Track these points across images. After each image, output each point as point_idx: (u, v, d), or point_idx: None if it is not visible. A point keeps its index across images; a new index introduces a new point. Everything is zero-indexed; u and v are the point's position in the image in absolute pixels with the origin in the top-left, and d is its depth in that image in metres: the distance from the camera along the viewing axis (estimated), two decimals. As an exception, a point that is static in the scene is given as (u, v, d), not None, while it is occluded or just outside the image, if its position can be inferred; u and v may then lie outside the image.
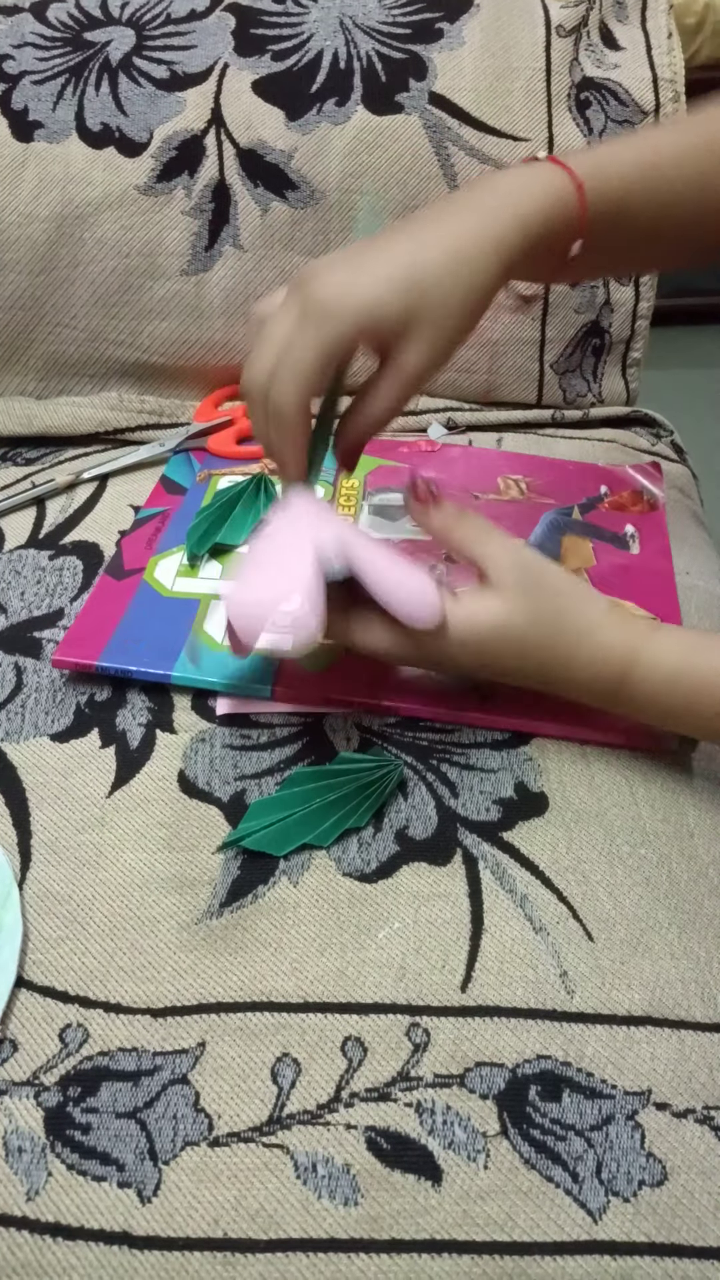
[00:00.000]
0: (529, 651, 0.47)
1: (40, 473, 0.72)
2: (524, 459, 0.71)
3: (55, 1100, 0.39)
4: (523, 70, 0.74)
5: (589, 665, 0.47)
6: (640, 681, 0.46)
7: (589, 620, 0.47)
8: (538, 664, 0.47)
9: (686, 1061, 0.40)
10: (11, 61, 0.75)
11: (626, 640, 0.46)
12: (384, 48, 0.74)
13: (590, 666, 0.47)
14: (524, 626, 0.46)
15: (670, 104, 0.75)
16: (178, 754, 0.51)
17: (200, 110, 0.73)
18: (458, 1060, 0.39)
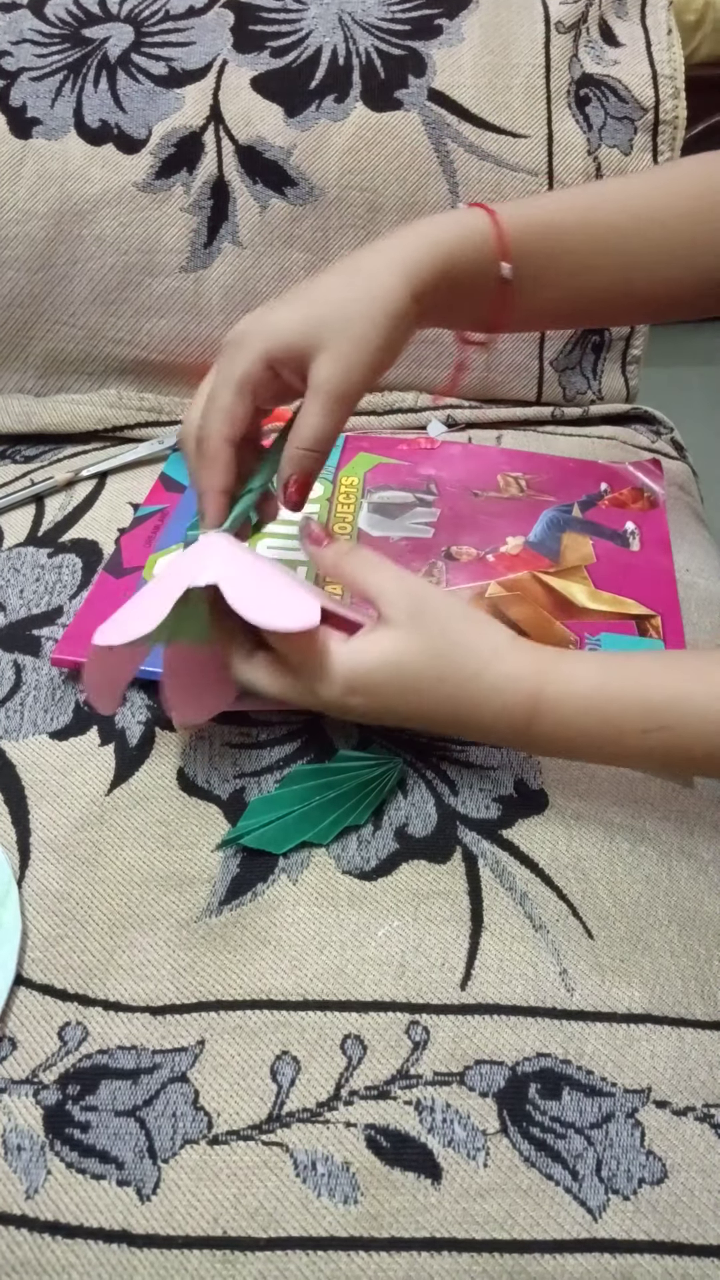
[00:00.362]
0: (426, 687, 0.43)
1: (39, 470, 0.72)
2: (524, 456, 0.71)
3: (54, 1098, 0.38)
4: (522, 67, 0.74)
5: (495, 694, 0.42)
6: (553, 708, 0.42)
7: (489, 647, 0.43)
8: (438, 702, 0.43)
9: (686, 1059, 0.40)
10: (10, 58, 0.75)
11: (534, 665, 0.43)
12: (383, 44, 0.74)
13: (497, 696, 0.42)
14: (416, 660, 0.42)
15: (670, 100, 0.74)
16: (177, 752, 0.51)
17: (199, 107, 0.73)
18: (457, 1058, 0.39)
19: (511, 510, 0.65)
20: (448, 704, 0.43)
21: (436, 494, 0.66)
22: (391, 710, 0.44)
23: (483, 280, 0.49)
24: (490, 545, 0.62)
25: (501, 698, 0.43)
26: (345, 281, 0.46)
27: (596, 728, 0.42)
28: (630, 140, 0.74)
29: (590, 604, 0.57)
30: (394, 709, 0.44)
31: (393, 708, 0.44)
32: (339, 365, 0.45)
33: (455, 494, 0.66)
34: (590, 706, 0.42)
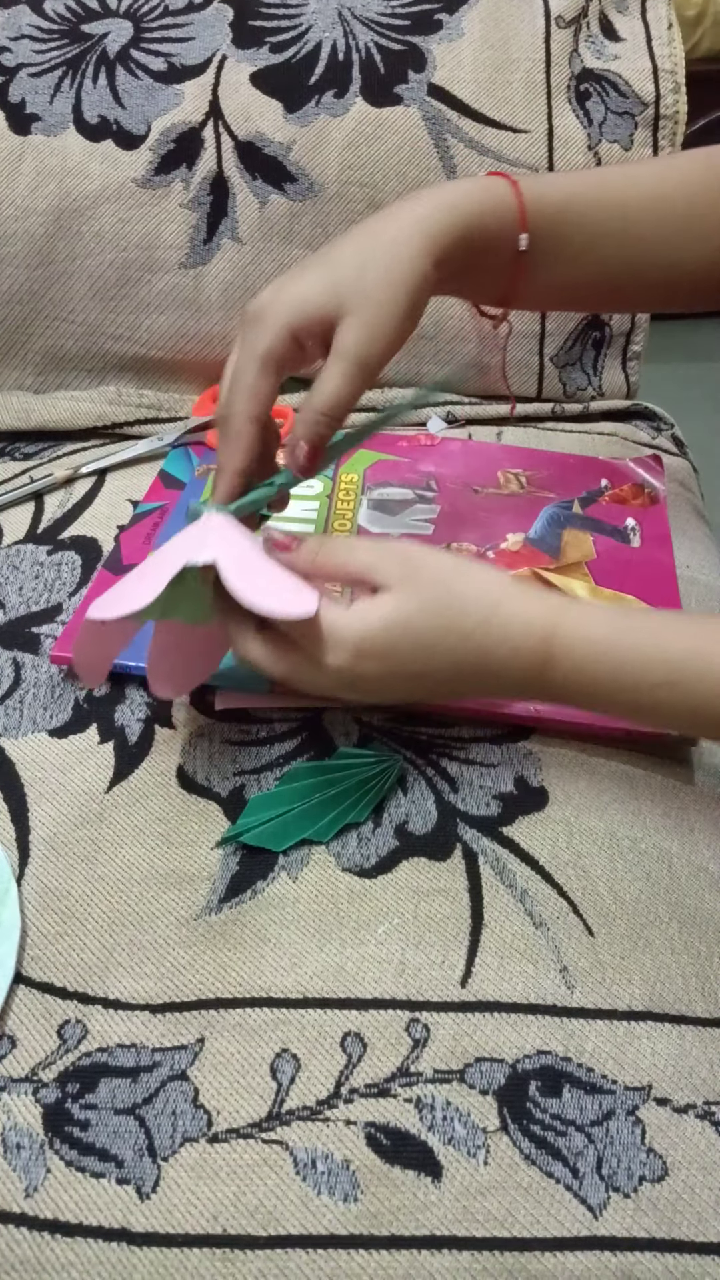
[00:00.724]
0: (434, 640, 0.42)
1: (38, 467, 0.72)
2: (524, 453, 0.70)
3: (54, 1096, 0.38)
4: (522, 62, 0.74)
5: (505, 639, 0.42)
6: (568, 652, 0.41)
7: (493, 592, 0.43)
8: (449, 653, 0.42)
9: (687, 1057, 0.39)
10: (9, 54, 0.74)
11: (544, 609, 0.42)
12: (383, 39, 0.74)
13: (507, 641, 0.42)
14: (421, 613, 0.42)
15: (670, 95, 0.74)
16: (176, 749, 0.51)
17: (198, 102, 0.73)
18: (458, 1056, 0.39)
19: (512, 507, 0.65)
20: (459, 654, 0.42)
21: (437, 490, 0.66)
22: (402, 671, 0.42)
23: (500, 250, 0.49)
24: (491, 542, 0.61)
25: (512, 642, 0.42)
26: (367, 246, 0.45)
27: (611, 676, 0.41)
28: (630, 135, 0.74)
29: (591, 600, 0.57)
30: (405, 668, 0.42)
31: (404, 667, 0.42)
32: (364, 331, 0.44)
33: (455, 490, 0.66)
34: (606, 653, 0.41)
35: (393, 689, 0.44)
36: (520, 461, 0.69)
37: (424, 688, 0.44)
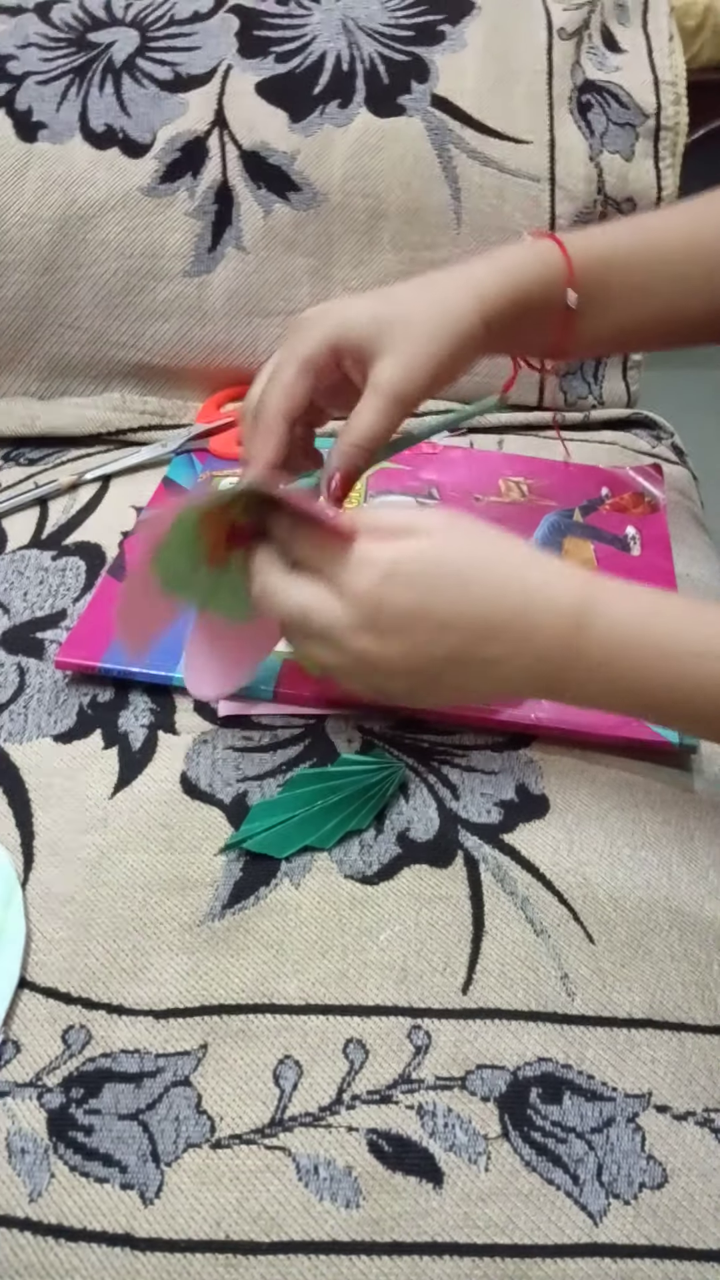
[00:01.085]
0: (471, 576, 0.41)
1: (43, 473, 0.72)
2: (525, 461, 0.71)
3: (58, 1102, 0.39)
4: (524, 73, 0.74)
5: (544, 587, 0.41)
6: (606, 610, 0.40)
7: (529, 551, 0.44)
8: (483, 594, 0.41)
9: (687, 1064, 0.40)
10: (15, 62, 0.75)
11: (580, 573, 0.42)
12: (386, 50, 0.74)
13: (546, 589, 0.41)
14: (459, 551, 0.42)
15: (671, 106, 0.75)
16: (180, 756, 0.51)
17: (203, 112, 0.73)
18: (459, 1063, 0.40)
19: (513, 515, 0.65)
20: (493, 598, 0.41)
21: (438, 498, 0.66)
22: (429, 613, 0.40)
23: (550, 309, 0.51)
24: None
25: (550, 590, 0.41)
26: (419, 293, 0.48)
27: (648, 640, 0.40)
28: (632, 146, 0.74)
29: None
30: (433, 609, 0.40)
31: (432, 607, 0.40)
32: (400, 368, 0.46)
33: (457, 498, 0.66)
34: (644, 616, 0.41)
35: (413, 640, 0.41)
36: (521, 470, 0.69)
37: (447, 646, 0.41)
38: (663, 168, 0.75)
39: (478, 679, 0.43)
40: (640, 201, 0.75)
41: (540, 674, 0.42)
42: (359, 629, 0.41)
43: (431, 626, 0.41)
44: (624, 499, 0.67)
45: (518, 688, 0.45)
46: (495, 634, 0.41)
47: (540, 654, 0.41)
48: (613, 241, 0.54)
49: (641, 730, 0.50)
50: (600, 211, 0.75)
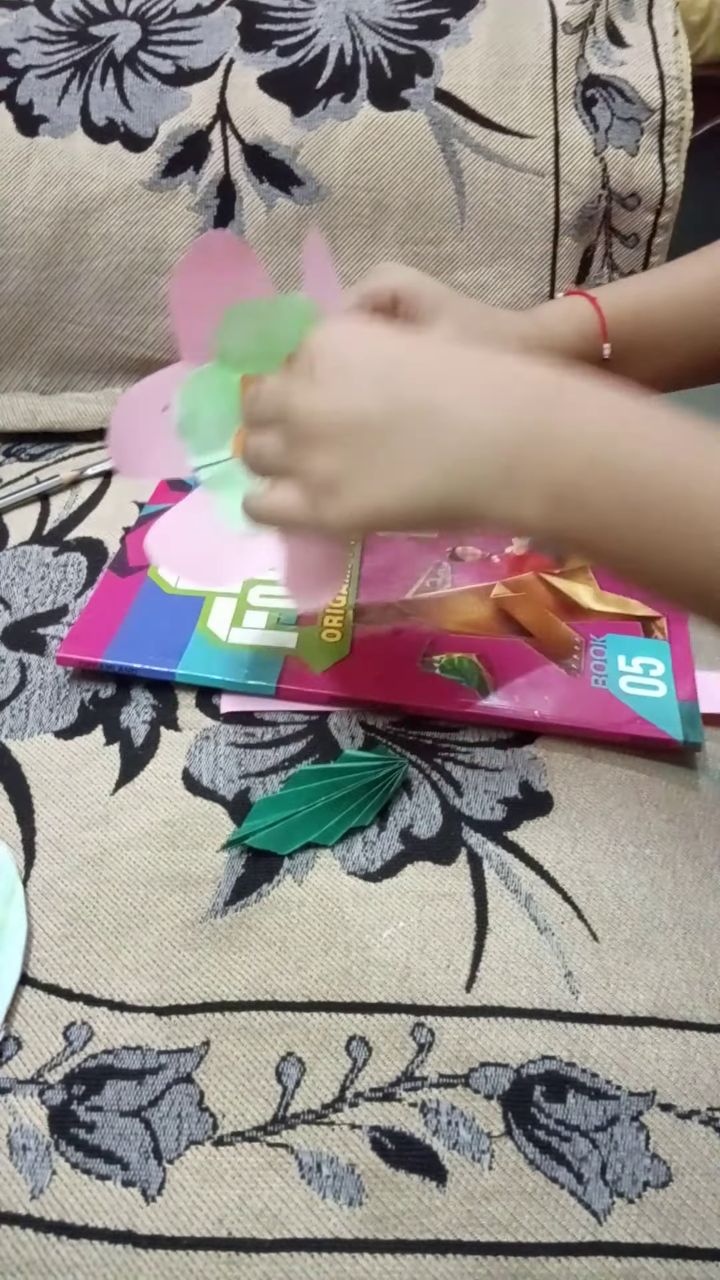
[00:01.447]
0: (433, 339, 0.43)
1: (44, 469, 0.72)
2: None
3: (59, 1098, 0.39)
4: (529, 67, 0.74)
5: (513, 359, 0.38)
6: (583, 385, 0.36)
7: None
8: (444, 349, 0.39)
9: (691, 1063, 0.40)
10: (16, 56, 0.75)
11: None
12: (390, 44, 0.74)
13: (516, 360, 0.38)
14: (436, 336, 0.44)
15: (676, 101, 0.74)
16: (182, 752, 0.51)
17: (206, 106, 0.73)
18: (462, 1060, 0.39)
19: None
20: (455, 352, 0.38)
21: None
22: (374, 350, 0.38)
23: (587, 361, 0.54)
24: (495, 546, 0.62)
25: (523, 362, 0.37)
26: (479, 311, 0.53)
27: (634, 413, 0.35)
28: (637, 141, 0.74)
29: (595, 605, 0.57)
30: (380, 348, 0.38)
31: (378, 348, 0.38)
32: (453, 330, 0.50)
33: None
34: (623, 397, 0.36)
35: (351, 383, 0.37)
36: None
37: (390, 392, 0.36)
38: (667, 163, 0.75)
39: (423, 451, 0.36)
40: (645, 197, 0.75)
41: (506, 444, 0.35)
42: (295, 380, 0.38)
43: (375, 372, 0.37)
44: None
45: (475, 468, 0.36)
46: (454, 387, 0.36)
47: (510, 412, 0.35)
48: (643, 291, 0.57)
49: (646, 728, 0.50)
50: (604, 207, 0.74)
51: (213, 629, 0.56)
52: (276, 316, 0.45)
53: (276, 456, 0.40)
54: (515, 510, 0.35)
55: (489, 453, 0.35)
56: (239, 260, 0.47)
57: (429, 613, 0.57)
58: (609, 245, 0.76)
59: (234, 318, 0.46)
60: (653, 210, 0.75)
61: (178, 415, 0.48)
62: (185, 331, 0.49)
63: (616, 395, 0.36)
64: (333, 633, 0.56)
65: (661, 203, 0.75)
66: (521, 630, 0.56)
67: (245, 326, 0.47)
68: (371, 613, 0.57)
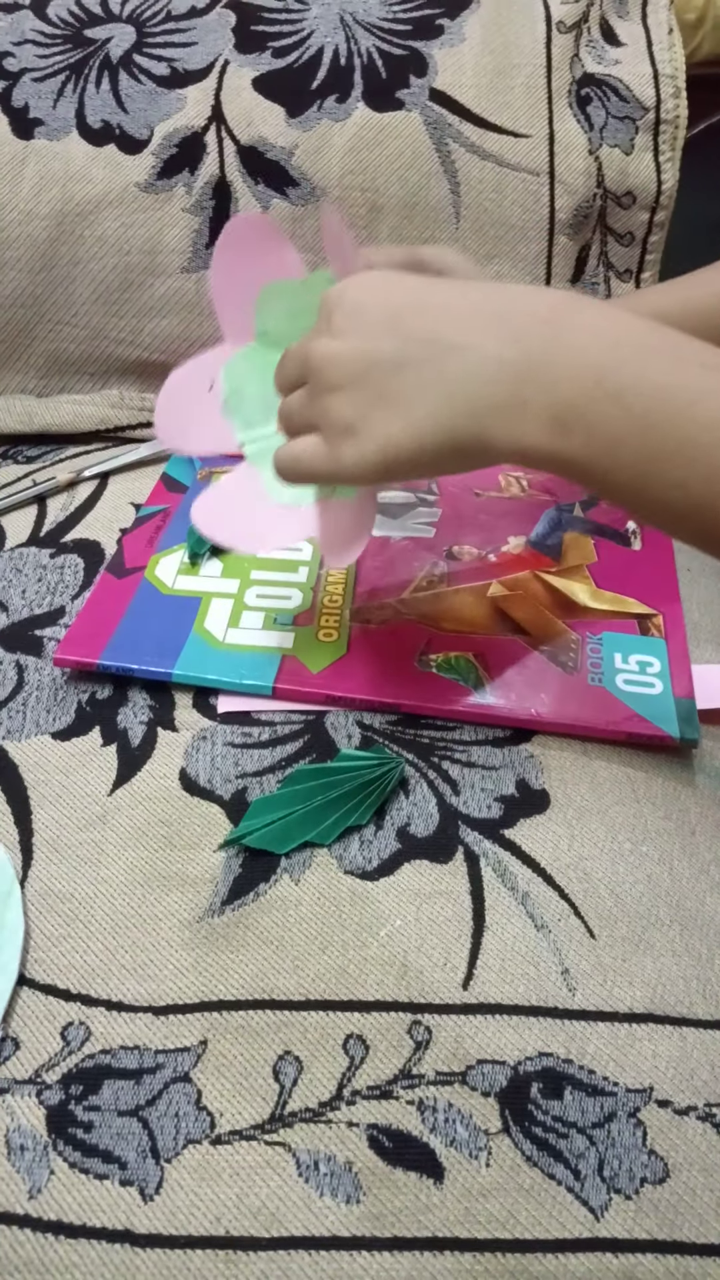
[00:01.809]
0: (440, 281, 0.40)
1: (41, 470, 0.72)
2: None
3: (57, 1098, 0.39)
4: (523, 66, 0.74)
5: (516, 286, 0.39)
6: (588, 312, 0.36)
7: None
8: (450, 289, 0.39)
9: (688, 1059, 0.40)
10: (11, 59, 0.75)
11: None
12: (384, 44, 0.74)
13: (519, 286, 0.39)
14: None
15: (671, 99, 0.74)
16: (179, 752, 0.51)
17: (201, 107, 0.73)
18: (459, 1058, 0.39)
19: (513, 509, 0.65)
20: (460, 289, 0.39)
21: (438, 494, 0.66)
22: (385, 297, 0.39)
23: None
24: (492, 545, 0.62)
25: (526, 288, 0.39)
26: None
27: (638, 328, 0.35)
28: (631, 140, 0.74)
29: (592, 603, 0.57)
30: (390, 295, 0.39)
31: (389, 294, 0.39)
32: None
33: (457, 493, 0.66)
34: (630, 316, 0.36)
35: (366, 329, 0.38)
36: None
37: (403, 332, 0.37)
38: (662, 161, 0.75)
39: (430, 383, 0.37)
40: (640, 196, 0.75)
41: (511, 364, 0.36)
42: (316, 337, 0.40)
43: (387, 313, 0.38)
44: (624, 493, 0.66)
45: (481, 392, 0.36)
46: (461, 317, 0.37)
47: (515, 333, 0.36)
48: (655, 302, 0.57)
49: (643, 725, 0.50)
50: (599, 206, 0.75)
51: (209, 629, 0.56)
52: (309, 294, 0.47)
53: (302, 410, 0.41)
54: (521, 435, 0.36)
55: (493, 375, 0.36)
56: (269, 240, 0.49)
57: (426, 612, 0.57)
58: (604, 244, 0.76)
59: (269, 297, 0.49)
60: (648, 209, 0.75)
61: (222, 394, 0.51)
62: (225, 314, 0.51)
63: (620, 314, 0.36)
64: (329, 632, 0.56)
65: (657, 201, 0.75)
66: (518, 629, 0.56)
67: (280, 305, 0.49)
68: (368, 612, 0.57)
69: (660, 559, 0.61)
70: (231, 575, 0.60)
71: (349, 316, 0.39)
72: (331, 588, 0.59)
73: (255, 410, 0.52)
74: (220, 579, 0.60)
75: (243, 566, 0.60)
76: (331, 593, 0.58)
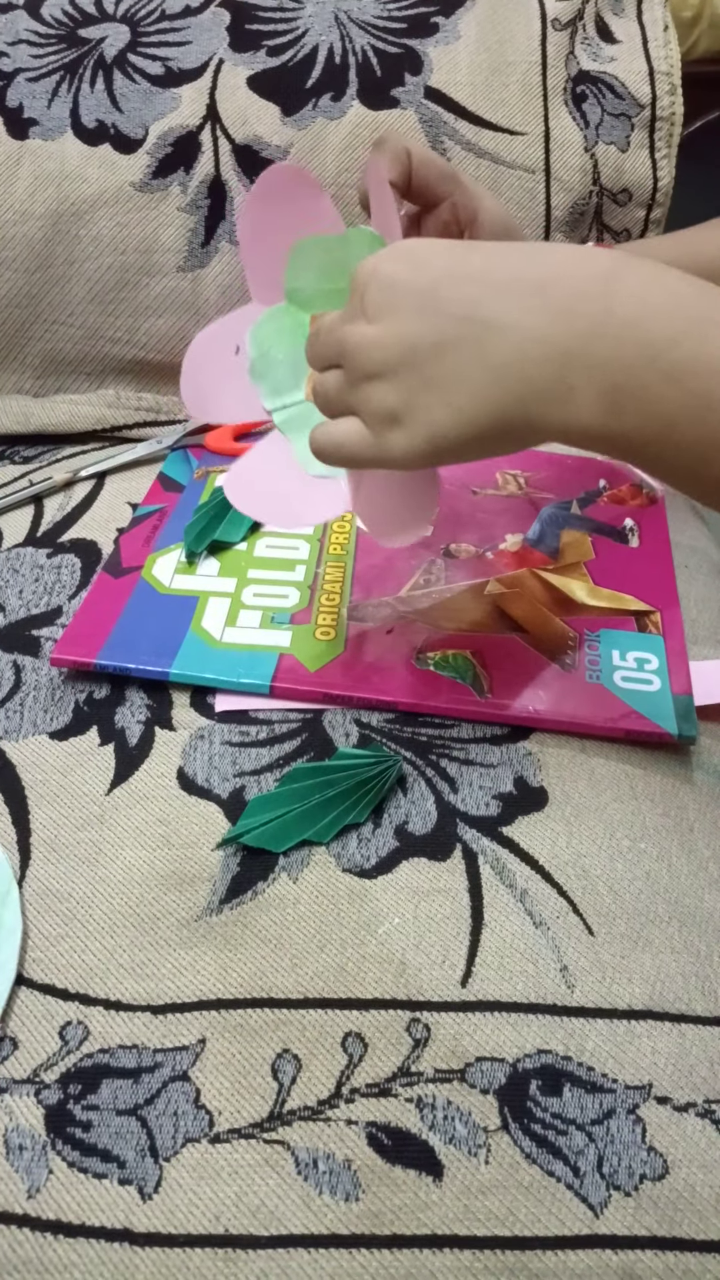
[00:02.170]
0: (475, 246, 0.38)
1: (38, 470, 0.72)
2: (522, 453, 0.70)
3: (56, 1098, 0.39)
4: (518, 64, 0.74)
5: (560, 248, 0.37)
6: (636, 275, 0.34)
7: None
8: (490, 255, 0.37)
9: (687, 1055, 0.40)
10: (6, 59, 0.75)
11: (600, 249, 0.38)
12: (379, 42, 0.74)
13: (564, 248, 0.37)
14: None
15: (666, 97, 0.74)
16: (177, 751, 0.51)
17: (195, 106, 0.73)
18: (458, 1055, 0.39)
19: (510, 508, 0.65)
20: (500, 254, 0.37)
21: (435, 492, 0.66)
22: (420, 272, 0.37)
23: None
24: (489, 542, 0.62)
25: (571, 250, 0.36)
26: None
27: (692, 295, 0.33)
28: (627, 137, 0.74)
29: (590, 600, 0.57)
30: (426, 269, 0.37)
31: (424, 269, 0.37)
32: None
33: (454, 491, 0.66)
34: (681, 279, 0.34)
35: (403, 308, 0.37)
36: (518, 462, 0.69)
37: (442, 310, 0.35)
38: (658, 159, 0.75)
39: (473, 365, 0.35)
40: (636, 193, 0.75)
41: (557, 343, 0.34)
42: (350, 320, 0.38)
43: (422, 290, 0.36)
44: (622, 491, 0.66)
45: (526, 373, 0.35)
46: (500, 287, 0.35)
47: (561, 308, 0.34)
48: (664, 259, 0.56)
49: (640, 722, 0.50)
50: (596, 203, 0.75)
51: (206, 628, 0.56)
52: (345, 251, 0.44)
53: (339, 394, 0.40)
54: (572, 414, 0.34)
55: (539, 354, 0.34)
56: (305, 193, 0.46)
57: (423, 610, 0.57)
58: (600, 241, 0.76)
59: (301, 254, 0.45)
60: (644, 206, 0.75)
61: (249, 358, 0.47)
62: (254, 271, 0.48)
63: (672, 278, 0.34)
64: (327, 631, 0.56)
65: (653, 198, 0.75)
66: (516, 626, 0.56)
67: (313, 263, 0.46)
68: (366, 610, 0.57)
69: (658, 556, 0.61)
70: (228, 574, 0.60)
71: (382, 296, 0.37)
72: (329, 586, 0.59)
73: (284, 375, 0.49)
74: (217, 578, 0.60)
75: (240, 565, 0.60)
76: (329, 591, 0.58)
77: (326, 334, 0.40)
